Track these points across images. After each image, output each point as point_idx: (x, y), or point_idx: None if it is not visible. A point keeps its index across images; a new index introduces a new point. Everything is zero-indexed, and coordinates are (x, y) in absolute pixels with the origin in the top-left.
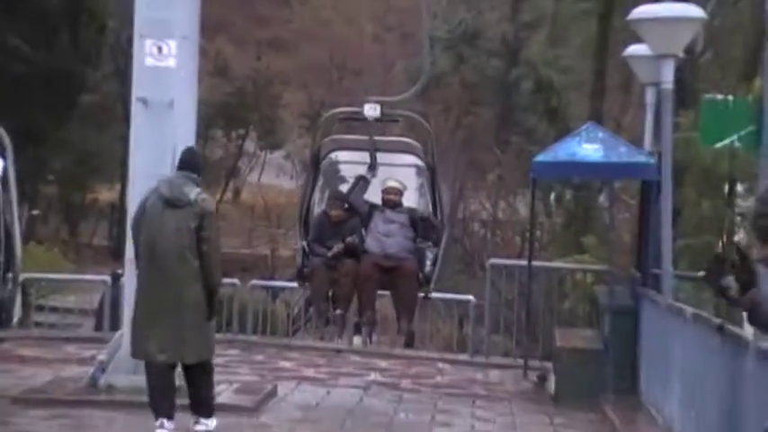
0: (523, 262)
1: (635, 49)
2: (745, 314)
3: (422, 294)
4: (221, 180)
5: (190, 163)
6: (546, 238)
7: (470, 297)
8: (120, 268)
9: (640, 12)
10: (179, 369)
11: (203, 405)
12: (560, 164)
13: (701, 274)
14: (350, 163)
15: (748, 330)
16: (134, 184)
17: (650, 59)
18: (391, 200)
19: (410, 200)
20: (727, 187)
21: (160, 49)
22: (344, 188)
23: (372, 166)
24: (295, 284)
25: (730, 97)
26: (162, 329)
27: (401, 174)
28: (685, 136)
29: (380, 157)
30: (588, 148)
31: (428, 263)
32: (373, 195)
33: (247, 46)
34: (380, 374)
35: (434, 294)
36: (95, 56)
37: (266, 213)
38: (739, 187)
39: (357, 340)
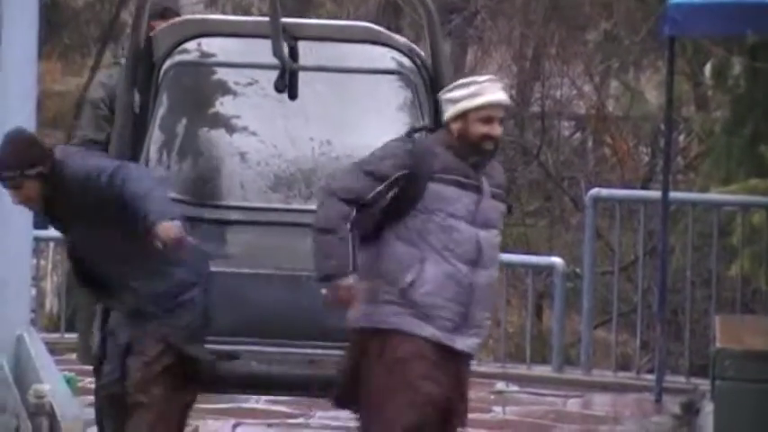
0: (655, 192)
1: None
2: None
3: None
4: (92, 44)
5: None
6: (696, 149)
7: (555, 259)
8: None
9: None
10: None
11: None
12: (719, 8)
13: None
14: (234, 65)
15: None
16: None
17: None
18: (491, 139)
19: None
20: None
21: None
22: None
23: (288, 79)
24: None
25: None
26: None
27: (360, 92)
28: None
29: (307, 51)
30: None
31: None
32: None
33: None
34: None
35: None
36: None
37: None
38: None
39: None
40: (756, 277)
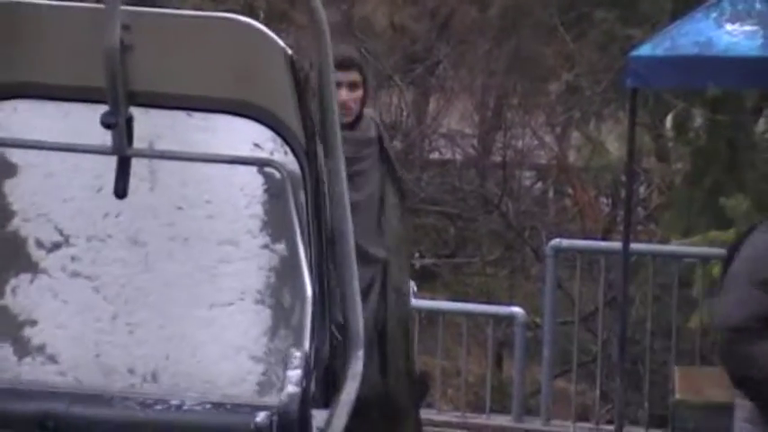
0: (615, 243)
1: None
2: None
3: None
4: None
5: None
6: (656, 200)
7: (516, 309)
8: None
9: None
10: None
11: None
12: (681, 61)
13: None
14: (55, 148)
15: None
16: None
17: None
18: None
19: (245, 293)
20: None
21: None
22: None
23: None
24: None
25: None
26: None
27: (209, 227)
28: None
29: (144, 126)
30: (734, 30)
31: None
32: None
33: None
34: None
35: (451, 305)
36: None
37: None
38: None
39: None
40: (716, 329)
